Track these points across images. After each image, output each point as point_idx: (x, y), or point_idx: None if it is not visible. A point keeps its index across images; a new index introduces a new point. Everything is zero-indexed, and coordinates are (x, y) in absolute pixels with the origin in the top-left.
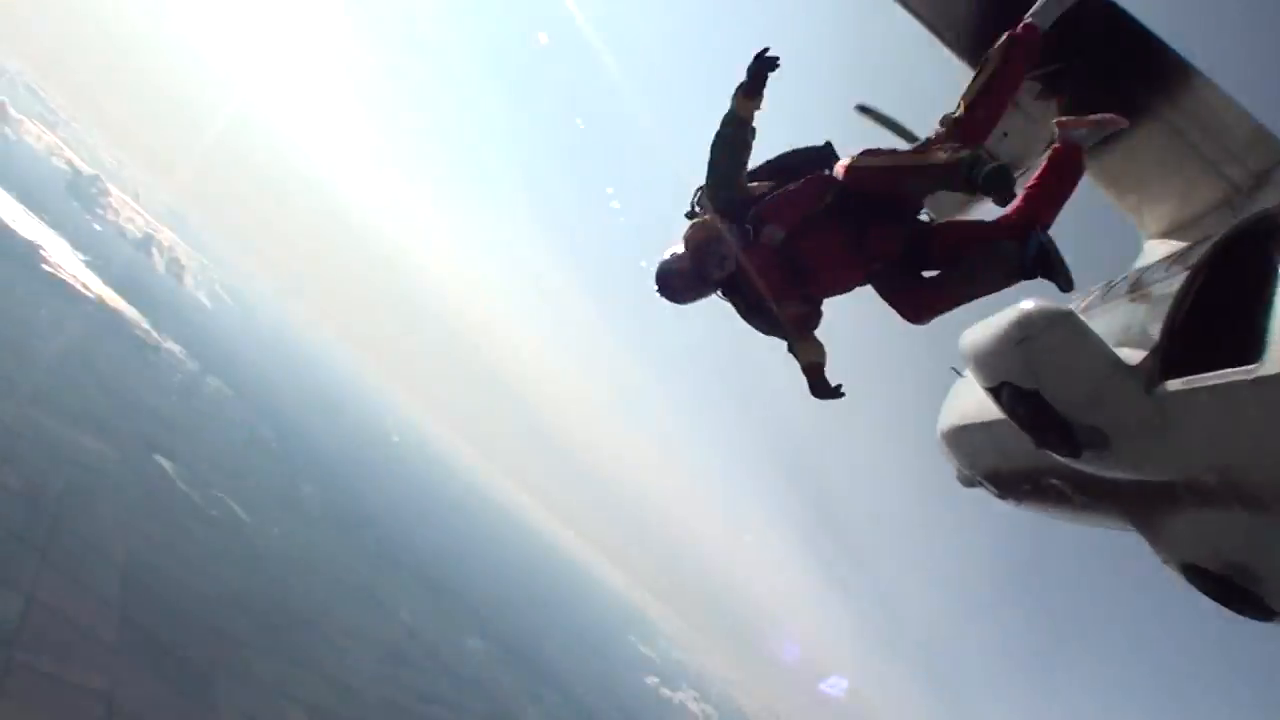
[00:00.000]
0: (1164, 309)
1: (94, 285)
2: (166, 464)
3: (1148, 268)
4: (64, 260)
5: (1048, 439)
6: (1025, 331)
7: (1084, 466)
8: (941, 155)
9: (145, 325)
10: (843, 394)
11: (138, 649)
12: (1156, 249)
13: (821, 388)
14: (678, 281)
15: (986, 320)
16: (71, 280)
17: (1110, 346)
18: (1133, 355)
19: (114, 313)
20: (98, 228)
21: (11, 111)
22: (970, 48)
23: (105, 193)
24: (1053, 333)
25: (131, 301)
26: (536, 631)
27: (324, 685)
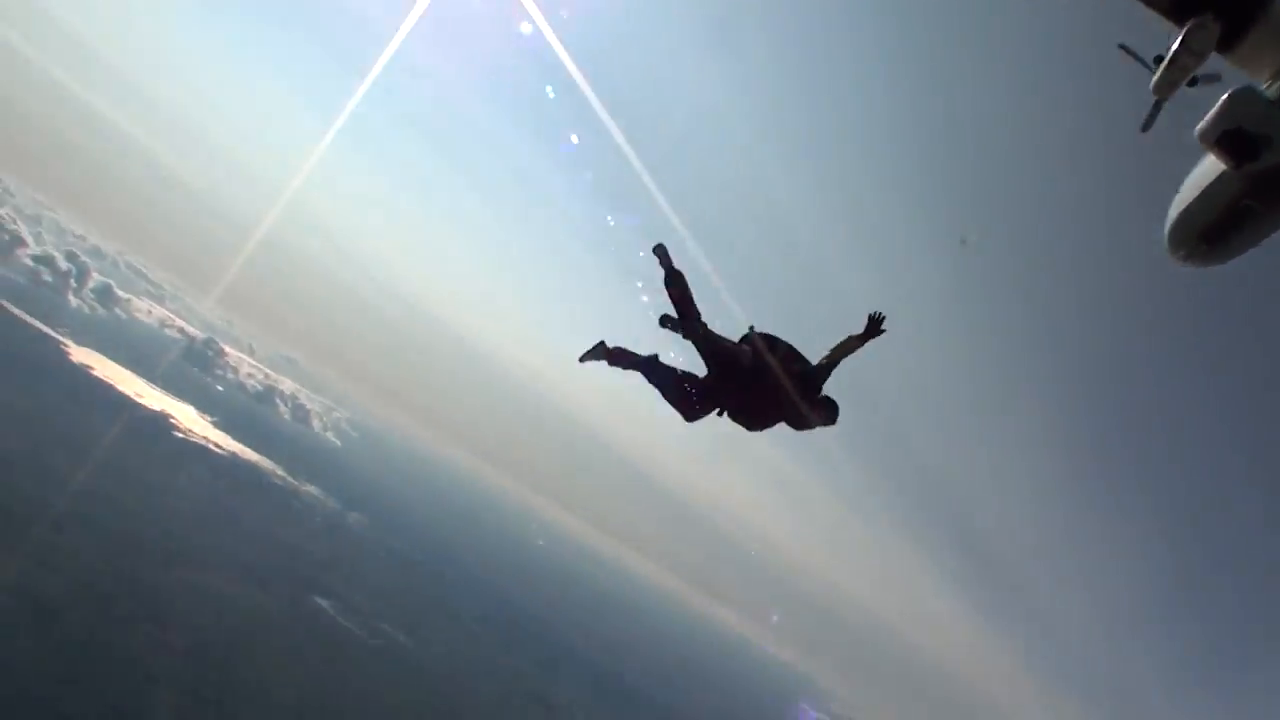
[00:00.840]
0: None
1: (226, 443)
2: (324, 602)
3: None
4: (193, 424)
5: (1243, 152)
6: (1231, 99)
7: (1263, 164)
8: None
9: (281, 473)
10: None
11: None
12: None
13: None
14: None
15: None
16: (203, 442)
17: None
18: None
19: (250, 466)
20: (219, 388)
21: (119, 292)
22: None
23: (220, 353)
24: (1242, 94)
25: (264, 453)
26: (713, 714)
27: None
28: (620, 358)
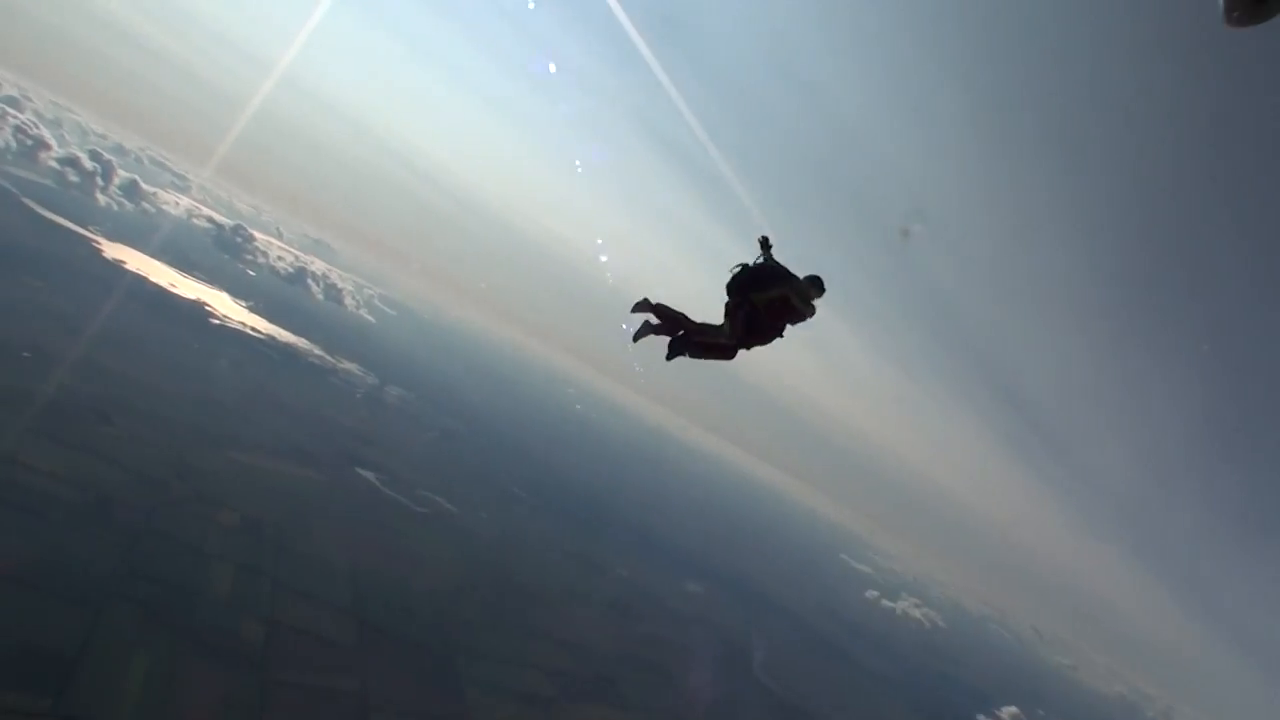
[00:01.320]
0: None
1: (262, 327)
2: (369, 475)
3: None
4: (229, 311)
5: None
6: None
7: None
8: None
9: (318, 352)
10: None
11: (379, 648)
12: None
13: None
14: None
15: None
16: (240, 327)
17: None
18: None
19: (287, 347)
20: (251, 273)
21: (145, 186)
22: None
23: (250, 239)
24: None
25: (300, 333)
26: (751, 566)
27: (558, 649)
28: (666, 329)
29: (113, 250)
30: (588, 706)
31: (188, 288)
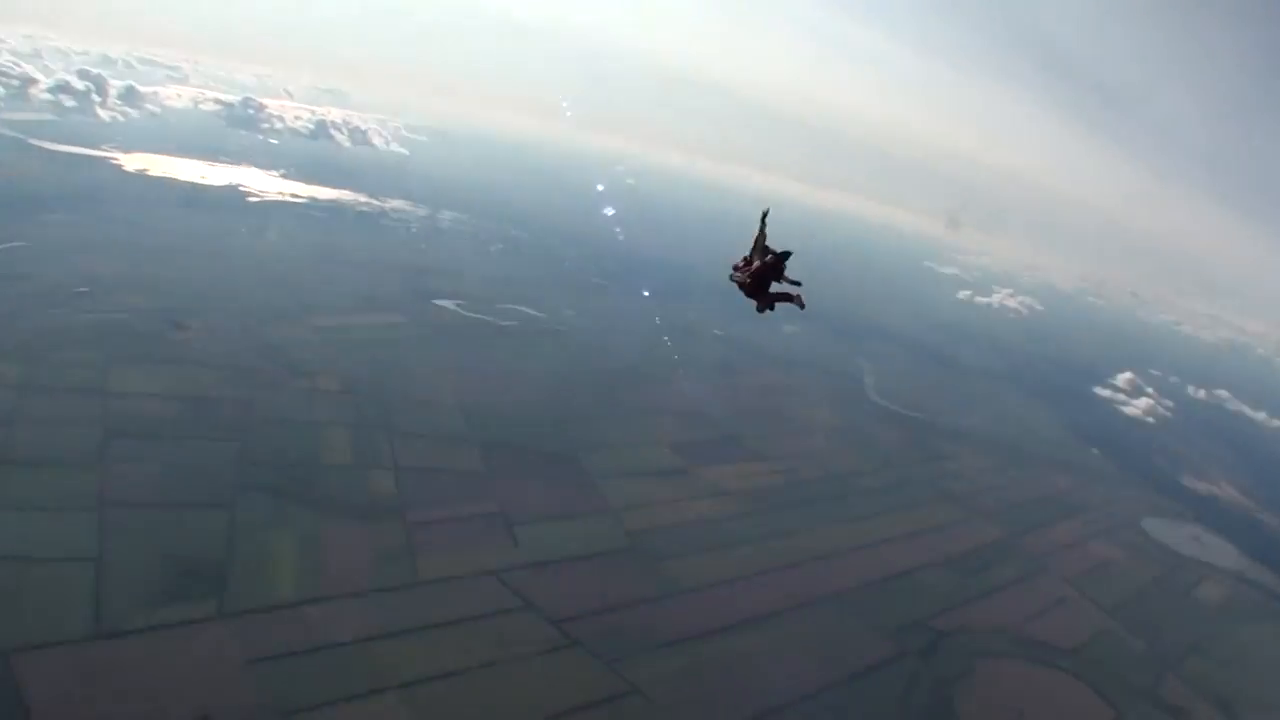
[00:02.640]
0: None
1: (301, 190)
2: (448, 303)
3: None
4: (264, 185)
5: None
6: None
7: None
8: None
9: (363, 199)
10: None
11: (505, 466)
12: None
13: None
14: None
15: None
16: (279, 198)
17: None
18: None
19: (331, 204)
20: (274, 141)
21: (142, 89)
22: None
23: (261, 108)
24: None
25: (339, 185)
26: (840, 293)
27: (676, 421)
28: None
29: (133, 161)
30: (719, 467)
31: (217, 175)
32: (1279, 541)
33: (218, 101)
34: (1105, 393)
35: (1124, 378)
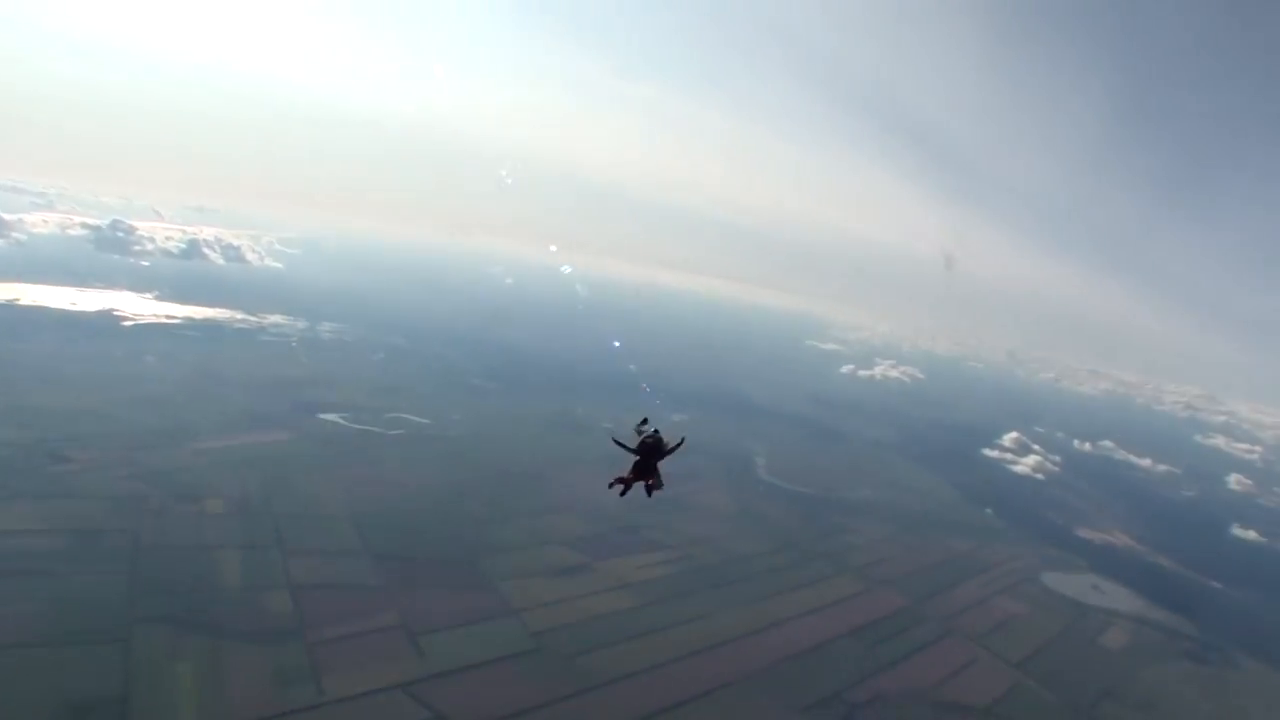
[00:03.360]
0: None
1: (176, 311)
2: (333, 417)
3: None
4: (138, 308)
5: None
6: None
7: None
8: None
9: (241, 316)
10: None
11: (403, 576)
12: None
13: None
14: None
15: None
16: (154, 320)
17: None
18: None
19: (207, 323)
20: (145, 263)
21: (6, 216)
22: None
23: (131, 229)
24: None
25: (215, 304)
26: (724, 379)
27: (571, 518)
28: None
29: (1, 292)
30: (619, 560)
31: (89, 301)
32: (1175, 583)
33: (85, 226)
34: (993, 453)
35: (1010, 437)
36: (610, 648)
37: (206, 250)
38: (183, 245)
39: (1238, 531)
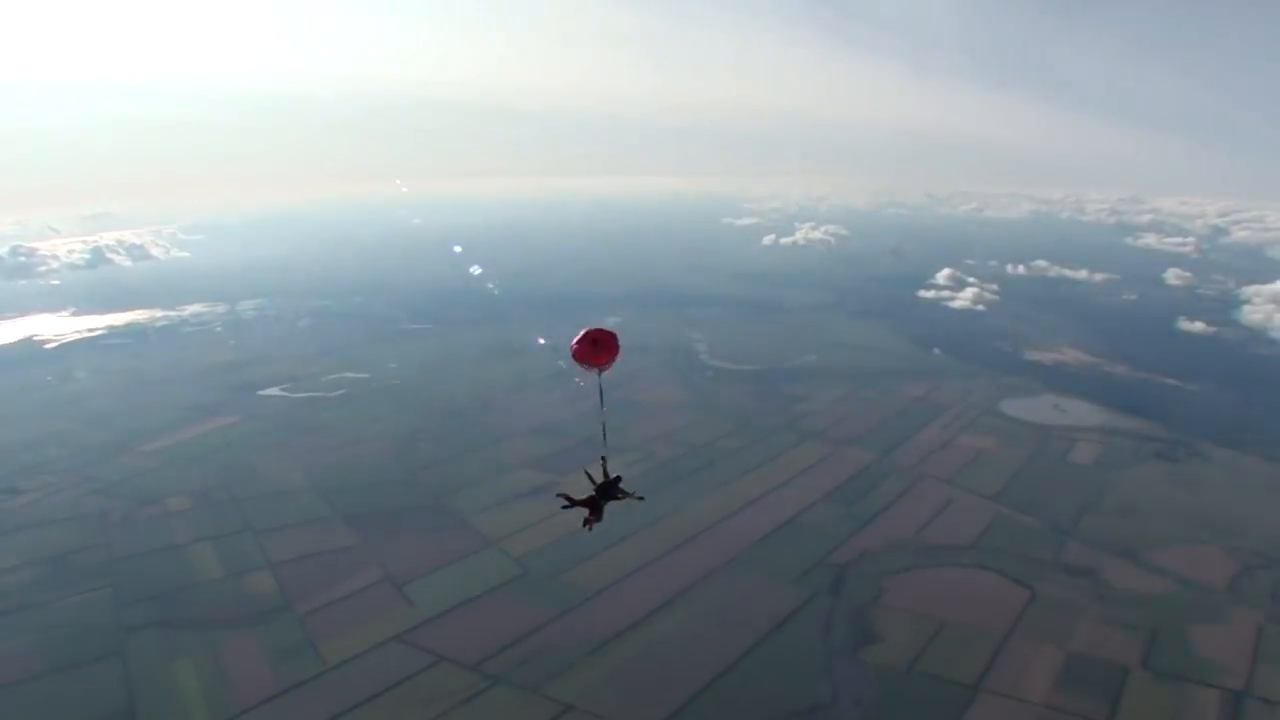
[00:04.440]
0: None
1: (96, 323)
2: (274, 390)
3: None
4: (55, 328)
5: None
6: None
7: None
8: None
9: (160, 313)
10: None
11: (377, 532)
12: None
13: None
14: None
15: None
16: (76, 337)
17: None
18: None
19: (130, 327)
20: (55, 282)
21: None
22: None
23: (32, 251)
24: None
25: (133, 306)
26: (650, 275)
27: (531, 441)
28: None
29: None
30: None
31: (5, 331)
32: (1132, 388)
33: None
34: (930, 294)
35: (944, 274)
36: (593, 559)
37: (111, 255)
38: (87, 255)
39: (1184, 325)
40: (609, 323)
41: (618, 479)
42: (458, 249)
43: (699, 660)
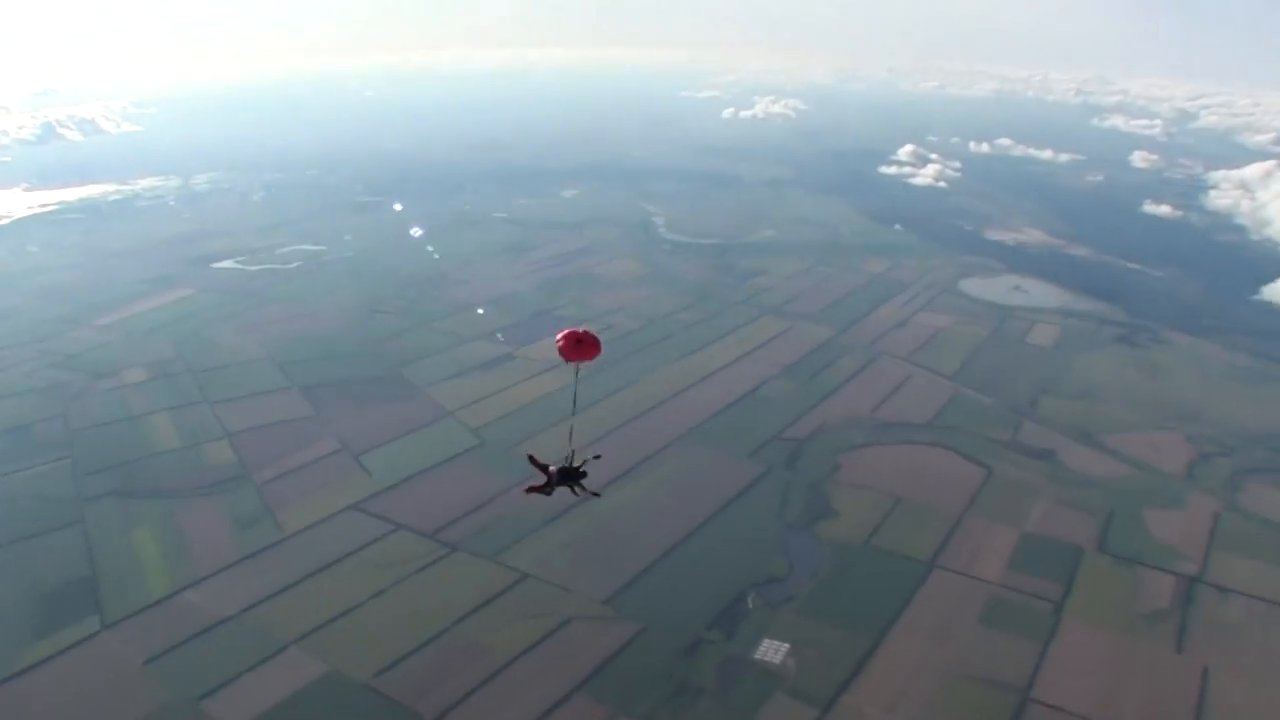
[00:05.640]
0: None
1: (47, 198)
2: (228, 263)
3: None
4: (8, 204)
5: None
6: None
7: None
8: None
9: (113, 187)
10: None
11: (333, 402)
12: None
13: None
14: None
15: None
16: (29, 213)
17: None
18: None
19: (83, 202)
20: (5, 159)
21: None
22: None
23: None
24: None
25: (85, 181)
26: (604, 150)
27: (488, 311)
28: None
29: None
30: (540, 343)
31: None
32: (1094, 271)
33: None
34: (891, 170)
35: (905, 150)
36: (551, 429)
37: (62, 130)
38: (37, 131)
39: (1149, 208)
40: (566, 195)
41: (583, 473)
42: (398, 207)
43: (656, 531)
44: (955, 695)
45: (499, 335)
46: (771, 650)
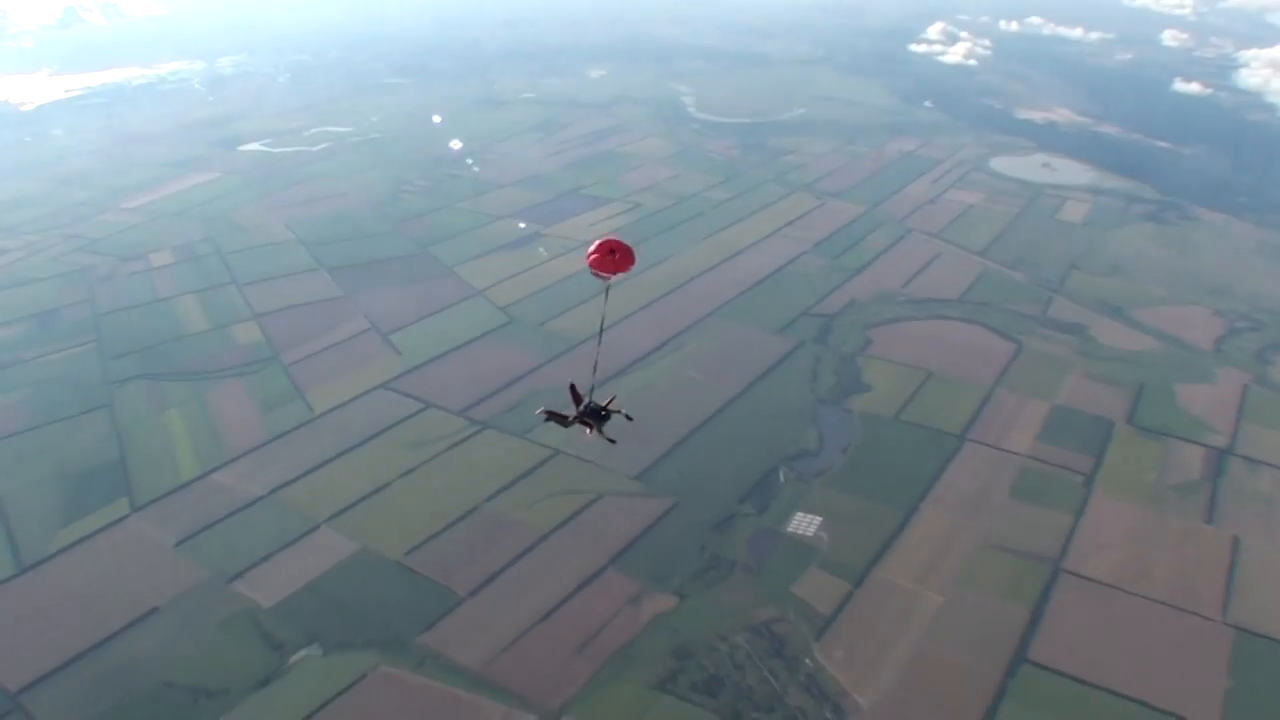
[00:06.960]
0: None
1: (71, 83)
2: (254, 146)
3: None
4: (32, 90)
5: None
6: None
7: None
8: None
9: (137, 71)
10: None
11: (362, 282)
12: None
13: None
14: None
15: None
16: (52, 97)
17: None
18: None
19: (106, 86)
20: (28, 44)
21: None
22: None
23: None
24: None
25: (109, 65)
26: (637, 25)
27: (514, 190)
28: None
29: None
30: (569, 222)
31: None
32: (1124, 149)
33: None
34: (921, 48)
35: (935, 28)
36: (579, 307)
37: (84, 14)
38: (59, 15)
39: (1180, 87)
40: (593, 75)
41: (606, 416)
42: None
43: (688, 405)
44: (987, 567)
45: (520, 224)
46: (804, 523)
